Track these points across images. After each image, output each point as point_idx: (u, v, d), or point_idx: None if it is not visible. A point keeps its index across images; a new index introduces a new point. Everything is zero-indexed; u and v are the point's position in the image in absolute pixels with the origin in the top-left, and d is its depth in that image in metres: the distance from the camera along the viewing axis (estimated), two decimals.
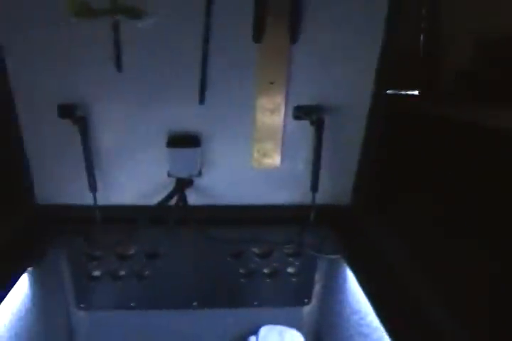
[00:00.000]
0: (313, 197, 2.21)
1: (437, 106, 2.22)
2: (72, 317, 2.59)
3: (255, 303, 2.59)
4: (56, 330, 2.47)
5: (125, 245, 2.39)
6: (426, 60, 2.41)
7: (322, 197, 2.23)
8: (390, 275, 1.88)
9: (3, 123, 2.10)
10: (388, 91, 2.13)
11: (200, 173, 2.23)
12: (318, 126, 2.08)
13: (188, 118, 2.15)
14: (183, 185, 2.24)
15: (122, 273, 2.47)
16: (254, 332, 2.58)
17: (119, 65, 2.01)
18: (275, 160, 2.25)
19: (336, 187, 2.32)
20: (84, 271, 2.46)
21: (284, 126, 2.19)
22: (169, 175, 2.21)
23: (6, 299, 1.75)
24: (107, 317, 2.62)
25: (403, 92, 2.39)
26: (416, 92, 2.49)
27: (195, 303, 2.57)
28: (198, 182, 2.28)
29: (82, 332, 2.64)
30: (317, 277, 2.54)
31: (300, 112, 2.13)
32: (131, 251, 2.43)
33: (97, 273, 2.47)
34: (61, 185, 2.27)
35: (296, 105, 2.14)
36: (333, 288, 2.41)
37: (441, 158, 2.01)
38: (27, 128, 2.13)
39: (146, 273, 2.47)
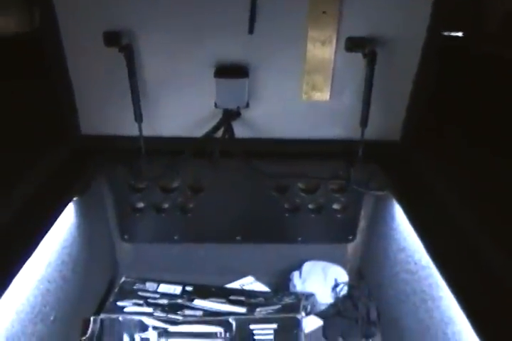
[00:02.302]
0: (363, 132, 2.27)
1: (486, 45, 2.27)
2: (116, 248, 2.76)
3: (299, 239, 2.72)
4: (101, 260, 2.63)
5: (169, 177, 2.50)
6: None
7: (371, 133, 2.30)
8: (440, 212, 1.95)
9: (48, 52, 2.19)
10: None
11: (247, 105, 2.30)
12: (371, 59, 2.12)
13: (236, 48, 2.22)
14: (230, 116, 2.32)
15: (166, 205, 2.61)
16: (298, 267, 2.71)
17: None
18: (325, 93, 2.32)
19: (386, 122, 2.39)
20: (128, 203, 2.60)
21: (335, 58, 2.24)
22: (216, 106, 2.28)
23: (53, 227, 1.89)
24: (150, 250, 2.78)
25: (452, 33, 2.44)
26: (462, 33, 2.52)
27: (238, 237, 2.71)
28: (245, 114, 2.36)
29: (125, 263, 2.82)
30: (363, 214, 2.65)
31: (352, 44, 2.16)
32: (175, 184, 2.55)
33: (140, 205, 2.61)
34: (106, 116, 2.38)
35: (348, 36, 2.17)
36: (379, 225, 2.51)
37: (493, 95, 2.07)
38: (71, 57, 2.22)
39: (190, 206, 2.61)
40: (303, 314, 2.28)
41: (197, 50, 2.23)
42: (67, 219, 2.16)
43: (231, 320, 2.28)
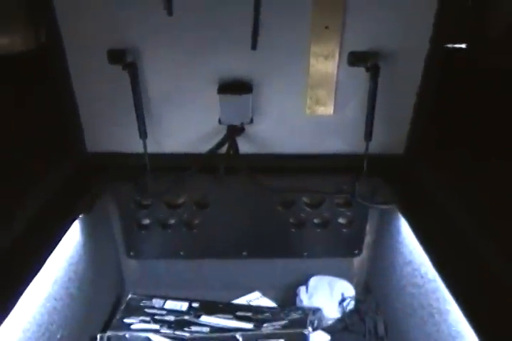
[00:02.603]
0: (367, 146, 2.27)
1: (490, 56, 2.28)
2: (122, 265, 2.77)
3: (305, 254, 2.72)
4: (107, 277, 2.64)
5: (175, 193, 2.52)
6: (474, 11, 2.46)
7: (375, 147, 2.30)
8: (445, 225, 1.96)
9: (52, 70, 2.20)
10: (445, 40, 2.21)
11: (251, 120, 2.31)
12: (374, 73, 2.13)
13: (239, 64, 2.23)
14: (234, 132, 2.34)
15: (172, 221, 2.62)
16: (304, 282, 2.72)
17: (169, 9, 2.06)
18: (328, 107, 2.33)
19: (390, 136, 2.40)
20: (134, 219, 2.61)
21: (338, 72, 2.25)
22: (220, 122, 2.30)
23: (59, 245, 1.90)
24: (156, 266, 2.78)
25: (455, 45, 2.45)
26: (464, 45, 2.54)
27: (244, 253, 2.71)
28: (249, 129, 2.37)
29: (132, 279, 2.82)
30: (368, 228, 2.66)
31: (355, 58, 2.17)
32: (181, 200, 2.56)
33: (146, 221, 2.62)
34: (111, 133, 2.39)
35: (351, 51, 2.18)
36: (385, 239, 2.52)
37: (497, 107, 2.08)
38: (76, 75, 2.24)
39: (196, 222, 2.62)
40: (310, 329, 2.28)
41: (200, 66, 2.24)
42: (73, 237, 2.17)
43: (238, 336, 2.28)
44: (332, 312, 2.57)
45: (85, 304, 2.24)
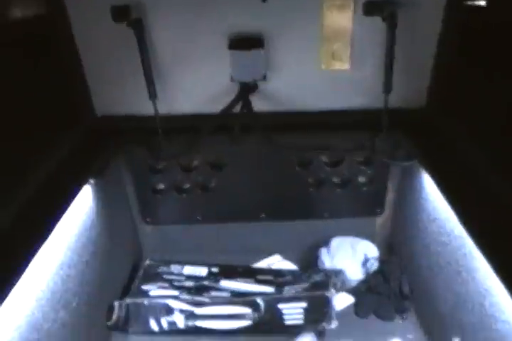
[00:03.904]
0: (386, 100, 2.19)
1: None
2: (138, 231, 2.75)
3: (325, 214, 2.67)
4: (123, 244, 2.61)
5: (188, 156, 2.46)
6: None
7: (395, 100, 2.23)
8: (472, 179, 1.89)
9: (55, 32, 2.14)
10: None
11: (264, 77, 2.24)
12: (391, 22, 2.03)
13: (250, 17, 2.16)
14: (247, 90, 2.27)
15: (187, 185, 2.57)
16: (325, 243, 2.66)
17: None
18: (345, 61, 2.26)
19: (410, 88, 2.31)
20: (148, 184, 2.57)
21: (354, 24, 2.17)
22: (232, 79, 2.23)
23: (69, 210, 1.86)
24: (173, 231, 2.76)
25: None
26: None
27: (262, 215, 2.67)
28: (262, 87, 2.30)
29: (149, 245, 2.81)
30: (390, 185, 2.59)
31: (371, 7, 2.07)
32: (196, 162, 2.51)
33: (161, 186, 2.58)
34: (120, 95, 2.34)
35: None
36: (408, 197, 2.45)
37: None
38: (80, 35, 2.18)
39: (212, 184, 2.57)
40: (333, 291, 2.24)
41: (209, 21, 2.17)
42: (85, 202, 2.13)
43: (259, 300, 2.26)
44: (355, 274, 2.53)
45: (101, 271, 2.21)
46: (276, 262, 2.74)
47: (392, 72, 2.15)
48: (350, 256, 2.57)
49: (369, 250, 2.60)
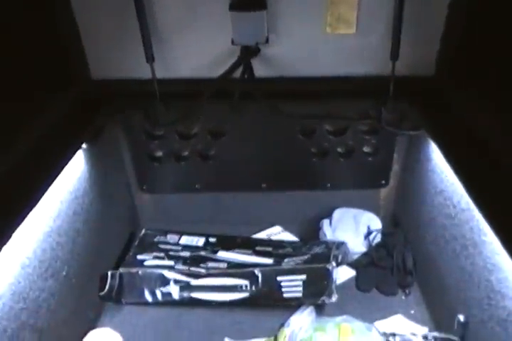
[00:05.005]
0: (393, 67, 2.11)
1: None
2: (135, 200, 2.68)
3: (328, 185, 2.59)
4: (118, 212, 2.56)
5: (187, 122, 2.38)
6: None
7: (403, 68, 2.14)
8: (481, 150, 1.81)
9: None
10: None
11: (267, 40, 2.14)
12: None
13: None
14: (248, 53, 2.17)
15: (185, 153, 2.50)
16: (328, 215, 2.60)
17: None
18: (351, 24, 2.14)
19: (419, 55, 2.20)
20: (145, 151, 2.50)
21: None
22: (233, 42, 2.13)
23: (61, 176, 1.79)
24: (171, 200, 2.69)
25: None
26: None
27: (263, 185, 2.60)
28: (265, 50, 2.20)
29: (145, 214, 2.74)
30: (396, 156, 2.51)
31: None
32: (194, 129, 2.43)
33: (158, 153, 2.51)
34: (117, 57, 2.24)
35: None
36: (414, 168, 2.37)
37: None
38: None
39: (211, 152, 2.49)
40: (333, 264, 2.16)
41: None
42: (78, 168, 2.07)
43: (257, 271, 2.19)
44: (357, 246, 2.47)
45: (94, 239, 2.16)
46: (276, 233, 2.68)
47: (399, 37, 2.06)
48: (353, 228, 2.51)
49: (372, 222, 2.54)
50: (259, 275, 2.17)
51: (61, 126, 2.00)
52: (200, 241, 2.54)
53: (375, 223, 2.55)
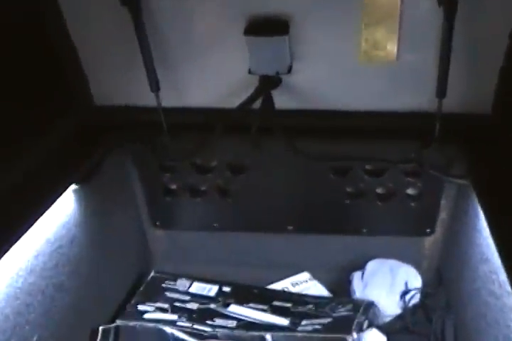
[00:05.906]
0: (440, 104, 1.84)
1: None
2: (147, 236, 2.51)
3: (364, 230, 2.33)
4: (131, 248, 2.42)
5: (202, 155, 2.19)
6: None
7: (451, 104, 1.86)
8: None
9: (45, 19, 1.92)
10: None
11: (289, 69, 1.92)
12: (449, 7, 1.66)
13: None
14: (268, 84, 1.96)
15: (202, 188, 2.30)
16: (361, 265, 2.34)
17: None
18: (390, 52, 1.89)
19: (472, 90, 1.93)
20: (158, 184, 2.33)
21: (403, 5, 1.78)
22: (250, 71, 1.92)
23: (39, 223, 1.66)
24: (186, 238, 2.50)
25: None
26: None
27: (290, 227, 2.36)
28: (287, 80, 1.98)
29: (158, 253, 2.56)
30: (443, 202, 2.21)
31: None
32: (212, 162, 2.24)
33: (173, 186, 2.33)
34: (120, 84, 2.10)
35: None
36: (461, 221, 2.07)
37: None
38: (71, 20, 1.94)
39: (231, 188, 2.29)
40: (354, 335, 1.88)
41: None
42: (64, 212, 1.91)
43: (268, 336, 1.96)
44: (391, 308, 2.16)
45: (84, 293, 2.00)
46: (303, 281, 2.41)
47: (448, 69, 1.77)
48: (388, 284, 2.20)
49: (411, 278, 2.23)
50: None
51: (52, 163, 1.87)
52: (212, 291, 2.31)
53: (415, 280, 2.24)
